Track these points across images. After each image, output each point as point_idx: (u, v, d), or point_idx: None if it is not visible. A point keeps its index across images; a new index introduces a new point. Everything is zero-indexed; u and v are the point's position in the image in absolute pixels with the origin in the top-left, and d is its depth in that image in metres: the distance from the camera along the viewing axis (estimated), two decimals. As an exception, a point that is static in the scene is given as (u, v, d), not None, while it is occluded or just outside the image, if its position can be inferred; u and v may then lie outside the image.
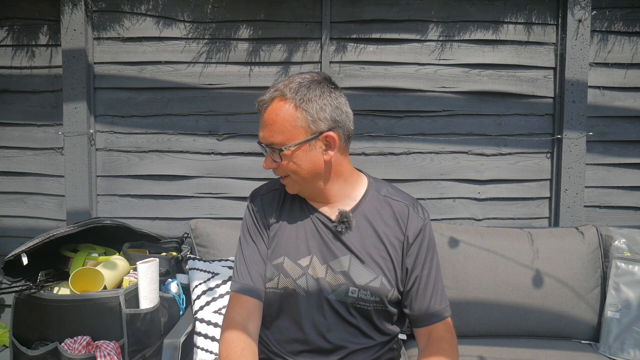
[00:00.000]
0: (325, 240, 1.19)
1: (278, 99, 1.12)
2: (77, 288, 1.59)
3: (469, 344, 1.75)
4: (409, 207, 1.21)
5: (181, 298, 1.79)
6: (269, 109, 1.13)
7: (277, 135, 1.12)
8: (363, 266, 1.16)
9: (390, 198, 1.22)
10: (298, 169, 1.14)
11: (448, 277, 1.81)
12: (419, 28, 2.21)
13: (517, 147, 2.25)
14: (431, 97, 2.22)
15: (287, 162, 1.14)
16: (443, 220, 2.26)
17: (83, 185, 2.21)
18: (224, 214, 2.25)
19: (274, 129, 1.12)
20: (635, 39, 2.22)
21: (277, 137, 1.12)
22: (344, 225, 1.17)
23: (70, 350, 1.48)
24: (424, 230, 1.20)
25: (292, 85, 1.12)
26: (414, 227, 1.19)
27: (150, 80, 2.22)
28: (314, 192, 1.20)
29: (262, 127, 1.15)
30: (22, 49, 2.25)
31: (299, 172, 1.15)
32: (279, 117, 1.11)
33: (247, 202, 1.31)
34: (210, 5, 2.20)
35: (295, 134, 1.11)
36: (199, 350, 1.58)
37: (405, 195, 1.25)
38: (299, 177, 1.16)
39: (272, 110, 1.12)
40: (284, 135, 1.11)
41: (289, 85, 1.12)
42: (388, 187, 1.26)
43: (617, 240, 1.85)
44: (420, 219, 1.20)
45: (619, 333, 1.74)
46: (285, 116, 1.11)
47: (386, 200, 1.22)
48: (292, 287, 1.17)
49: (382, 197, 1.22)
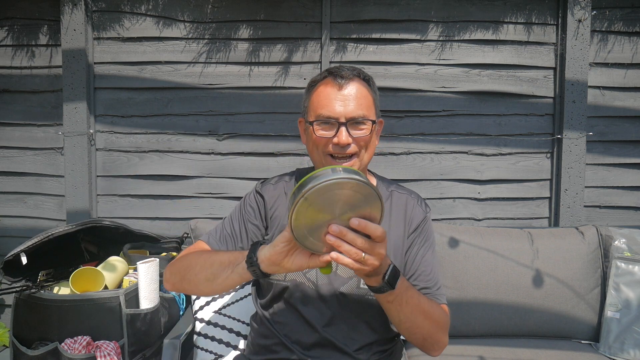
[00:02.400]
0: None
1: (358, 78, 1.18)
2: (77, 288, 1.59)
3: (469, 344, 1.75)
4: (413, 200, 1.28)
5: (181, 298, 1.79)
6: (352, 84, 1.16)
7: (364, 109, 1.16)
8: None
9: (397, 192, 1.29)
10: (370, 147, 1.20)
11: (448, 277, 1.81)
12: (419, 28, 2.21)
13: (517, 147, 2.25)
14: (431, 97, 2.22)
15: (369, 137, 1.17)
16: (443, 220, 2.26)
17: (83, 185, 2.21)
18: (224, 214, 2.25)
19: (362, 102, 1.16)
20: (635, 39, 2.22)
21: (365, 111, 1.16)
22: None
23: (71, 350, 1.48)
24: (425, 222, 1.26)
25: (360, 71, 1.20)
26: (417, 218, 1.25)
27: (150, 80, 2.22)
28: None
29: (345, 100, 1.15)
30: (22, 49, 2.25)
31: (369, 150, 1.20)
32: (363, 94, 1.17)
33: (255, 187, 1.31)
34: (210, 5, 2.20)
35: (372, 112, 1.19)
36: (199, 350, 1.58)
37: (410, 190, 1.32)
38: (367, 156, 1.20)
39: (357, 86, 1.16)
40: (369, 110, 1.17)
41: (357, 69, 1.20)
42: (393, 184, 1.32)
43: (617, 240, 1.85)
44: (423, 212, 1.27)
45: (619, 333, 1.74)
46: (367, 94, 1.18)
47: (392, 194, 1.28)
48: (300, 280, 1.17)
49: (388, 192, 1.28)
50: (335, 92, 1.14)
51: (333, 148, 1.15)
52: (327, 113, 1.14)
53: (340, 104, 1.13)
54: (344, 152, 1.15)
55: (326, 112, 1.14)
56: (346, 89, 1.14)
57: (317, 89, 1.18)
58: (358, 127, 1.15)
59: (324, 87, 1.17)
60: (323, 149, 1.17)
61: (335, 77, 1.15)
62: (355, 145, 1.15)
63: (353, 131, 1.14)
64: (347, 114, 1.13)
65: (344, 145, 1.14)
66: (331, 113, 1.14)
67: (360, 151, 1.17)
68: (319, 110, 1.15)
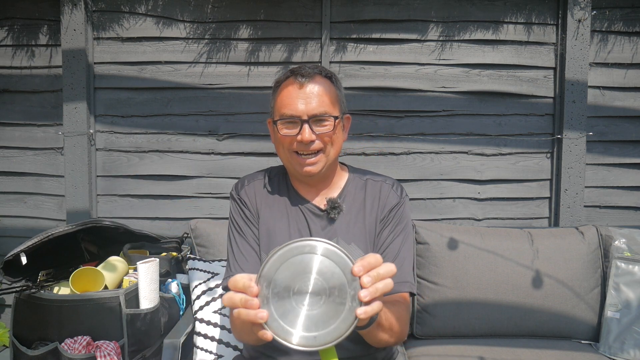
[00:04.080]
0: (315, 228, 1.23)
1: (319, 76, 1.19)
2: (77, 288, 1.59)
3: (469, 344, 1.75)
4: (387, 186, 1.29)
5: (181, 298, 1.79)
6: (313, 82, 1.17)
7: (326, 106, 1.17)
8: (350, 247, 1.21)
9: (371, 180, 1.31)
10: (336, 143, 1.21)
11: (448, 277, 1.81)
12: (419, 28, 2.21)
13: (517, 147, 2.25)
14: (431, 97, 2.22)
15: (333, 133, 1.18)
16: (443, 220, 2.26)
17: (83, 185, 2.21)
18: (224, 214, 2.25)
19: (323, 100, 1.17)
20: (635, 39, 2.22)
21: (328, 108, 1.17)
22: (336, 210, 1.23)
23: (70, 350, 1.48)
24: (399, 206, 1.26)
25: (322, 68, 1.23)
26: (390, 202, 1.25)
27: (150, 80, 2.22)
28: (326, 174, 1.26)
29: (307, 98, 1.16)
30: (22, 49, 2.25)
31: (335, 146, 1.21)
32: (325, 90, 1.18)
33: (232, 195, 1.31)
34: (210, 5, 2.20)
35: (335, 109, 1.20)
36: (199, 350, 1.58)
37: (385, 177, 1.32)
38: (332, 152, 1.21)
39: (318, 83, 1.18)
40: (331, 107, 1.18)
41: (319, 67, 1.22)
42: (368, 173, 1.34)
43: (617, 240, 1.85)
44: (397, 196, 1.27)
45: (619, 333, 1.74)
46: (330, 90, 1.19)
47: (367, 183, 1.30)
48: None
49: (362, 182, 1.30)
50: (297, 91, 1.16)
51: (297, 146, 1.18)
52: (290, 112, 1.16)
53: (302, 102, 1.15)
54: (309, 148, 1.17)
55: (289, 110, 1.16)
56: (307, 87, 1.16)
57: (280, 89, 1.20)
58: (321, 124, 1.17)
59: (286, 87, 1.19)
60: (288, 147, 1.19)
61: (296, 76, 1.17)
62: (320, 142, 1.18)
63: (316, 128, 1.16)
64: (309, 111, 1.15)
65: (308, 142, 1.16)
66: (293, 112, 1.16)
67: (326, 147, 1.19)
68: (282, 109, 1.17)
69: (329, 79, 1.21)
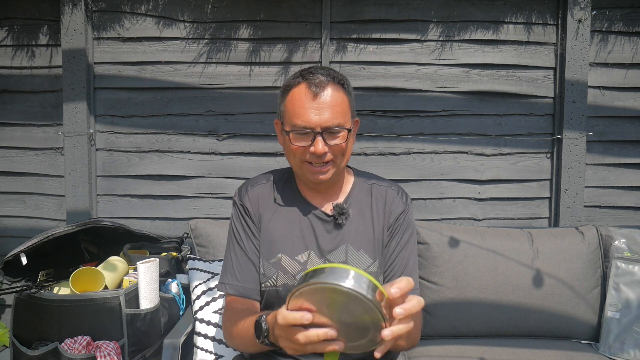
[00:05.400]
0: (321, 233, 1.22)
1: (332, 83, 1.16)
2: (77, 288, 1.59)
3: (469, 344, 1.75)
4: (393, 192, 1.29)
5: (181, 298, 1.79)
6: (326, 92, 1.15)
7: (339, 117, 1.16)
8: (359, 254, 1.21)
9: (377, 185, 1.31)
10: (347, 152, 1.21)
11: (448, 277, 1.81)
12: (419, 28, 2.21)
13: (517, 147, 2.25)
14: (431, 97, 2.22)
15: (345, 144, 1.18)
16: (443, 220, 2.26)
17: (83, 185, 2.21)
18: (224, 214, 2.25)
19: (337, 111, 1.15)
20: (635, 39, 2.22)
21: (340, 119, 1.16)
22: (343, 216, 1.22)
23: (71, 350, 1.48)
24: (405, 213, 1.28)
25: (334, 73, 1.19)
26: (397, 210, 1.26)
27: (150, 80, 2.22)
28: (335, 180, 1.25)
29: (320, 109, 1.14)
30: (22, 49, 2.25)
31: (347, 155, 1.21)
32: (338, 100, 1.16)
33: (234, 200, 1.31)
34: (210, 5, 2.20)
35: (348, 119, 1.19)
36: (199, 350, 1.58)
37: (389, 182, 1.33)
38: (343, 161, 1.21)
39: (331, 93, 1.15)
40: (344, 118, 1.17)
41: (331, 72, 1.19)
42: (373, 177, 1.34)
43: (617, 240, 1.85)
44: (403, 203, 1.28)
45: (619, 333, 1.74)
46: (343, 100, 1.17)
47: (372, 188, 1.30)
48: (291, 284, 1.19)
49: (368, 186, 1.30)
50: (309, 102, 1.13)
51: (310, 157, 1.17)
52: (303, 123, 1.14)
53: (315, 113, 1.13)
54: (321, 160, 1.17)
55: (301, 122, 1.14)
56: (321, 97, 1.13)
57: (291, 94, 1.17)
58: (334, 136, 1.16)
59: (299, 94, 1.15)
60: (300, 157, 1.18)
61: (309, 85, 1.14)
62: (331, 154, 1.17)
63: (329, 140, 1.15)
64: (322, 123, 1.13)
65: (321, 154, 1.15)
66: (307, 123, 1.13)
67: (337, 157, 1.18)
68: (295, 120, 1.15)
69: (342, 86, 1.18)
